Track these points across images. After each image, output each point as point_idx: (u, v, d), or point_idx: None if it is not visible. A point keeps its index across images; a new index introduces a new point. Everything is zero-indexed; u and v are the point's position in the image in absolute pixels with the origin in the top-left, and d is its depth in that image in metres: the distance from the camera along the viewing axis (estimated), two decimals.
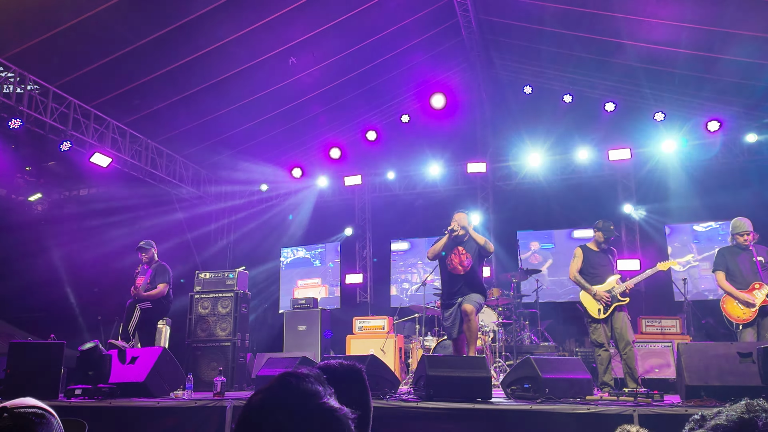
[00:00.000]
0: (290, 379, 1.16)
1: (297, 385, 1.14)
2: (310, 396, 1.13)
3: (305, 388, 1.14)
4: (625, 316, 5.92)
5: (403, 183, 12.69)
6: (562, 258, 11.36)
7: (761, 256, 5.88)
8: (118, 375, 5.87)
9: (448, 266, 6.22)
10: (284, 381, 1.16)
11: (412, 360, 8.55)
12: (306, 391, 1.13)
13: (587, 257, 6.24)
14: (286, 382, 1.15)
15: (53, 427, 1.49)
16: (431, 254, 6.29)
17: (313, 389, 1.14)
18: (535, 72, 11.68)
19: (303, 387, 1.14)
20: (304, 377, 1.17)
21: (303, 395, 1.12)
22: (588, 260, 6.22)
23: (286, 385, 1.14)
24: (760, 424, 0.91)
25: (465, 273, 6.12)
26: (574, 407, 4.33)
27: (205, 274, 8.17)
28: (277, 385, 1.15)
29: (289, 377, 1.17)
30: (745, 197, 9.54)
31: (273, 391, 1.14)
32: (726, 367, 4.56)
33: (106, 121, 9.57)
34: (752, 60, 8.60)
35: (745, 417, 0.93)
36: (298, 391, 1.13)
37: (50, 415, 1.49)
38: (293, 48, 9.15)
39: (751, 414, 0.93)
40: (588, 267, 6.19)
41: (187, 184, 11.83)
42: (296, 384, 1.14)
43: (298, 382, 1.15)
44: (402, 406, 4.68)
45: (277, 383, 1.16)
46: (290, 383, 1.15)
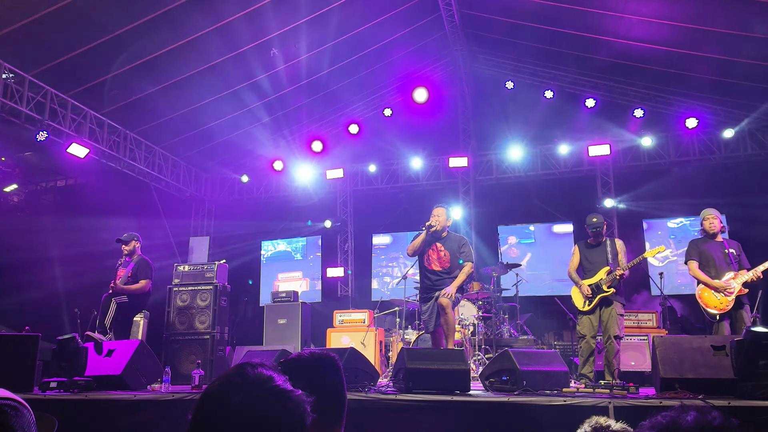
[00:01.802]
0: (245, 368, 1.23)
1: (251, 372, 1.21)
2: (264, 380, 1.20)
3: (259, 374, 1.21)
4: (614, 310, 5.94)
5: (385, 177, 12.69)
6: (542, 252, 11.46)
7: (732, 249, 5.93)
8: (94, 368, 5.79)
9: (425, 262, 6.18)
10: (239, 369, 1.23)
11: (392, 353, 8.57)
12: (260, 376, 1.20)
13: (583, 253, 6.33)
14: (241, 369, 1.22)
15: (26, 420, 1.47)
16: (410, 251, 6.23)
17: (267, 375, 1.21)
18: (517, 67, 11.74)
19: (257, 373, 1.21)
20: (258, 365, 1.24)
21: (257, 380, 1.20)
22: (584, 256, 6.31)
23: (241, 373, 1.21)
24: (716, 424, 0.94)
25: (442, 271, 6.08)
26: (551, 399, 4.37)
27: (184, 267, 8.10)
28: (232, 373, 1.22)
29: (244, 366, 1.24)
30: (721, 194, 9.69)
31: (229, 378, 1.21)
32: (700, 360, 4.63)
33: (84, 111, 9.43)
34: (728, 57, 8.71)
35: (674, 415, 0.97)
36: (253, 377, 1.20)
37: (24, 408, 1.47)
38: (274, 39, 9.08)
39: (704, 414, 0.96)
40: (584, 262, 6.29)
41: (167, 175, 11.71)
42: (250, 371, 1.21)
43: (252, 370, 1.22)
44: (381, 398, 4.68)
45: (232, 371, 1.23)
46: (245, 371, 1.22)
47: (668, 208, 10.92)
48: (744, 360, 4.16)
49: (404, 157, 12.35)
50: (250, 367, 1.23)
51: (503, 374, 5.20)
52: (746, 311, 5.75)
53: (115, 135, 10.21)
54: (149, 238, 7.57)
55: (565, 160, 11.61)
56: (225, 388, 1.18)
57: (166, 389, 5.46)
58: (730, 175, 10.63)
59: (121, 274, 7.06)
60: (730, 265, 5.84)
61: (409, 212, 12.58)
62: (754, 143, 10.54)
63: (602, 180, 11.40)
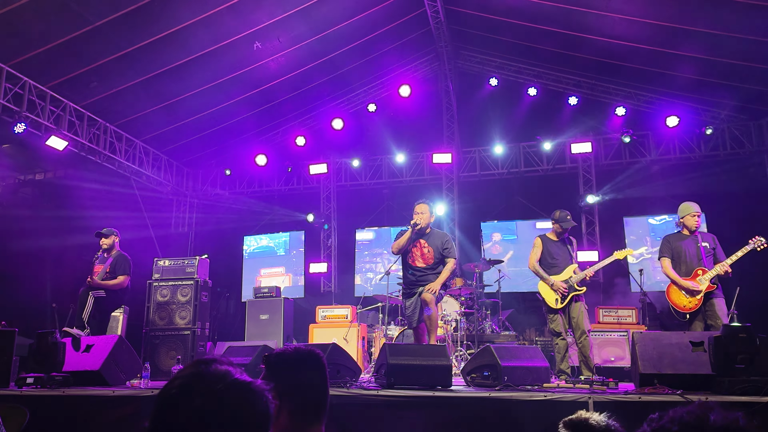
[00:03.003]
0: (200, 365, 1.21)
1: (207, 369, 1.19)
2: (221, 375, 1.18)
3: (215, 370, 1.19)
4: (582, 306, 6.01)
5: (368, 172, 12.66)
6: (525, 249, 11.49)
7: (706, 242, 5.90)
8: (72, 363, 5.71)
9: (408, 258, 6.14)
10: (195, 368, 1.21)
11: (374, 349, 8.57)
12: (217, 372, 1.19)
13: (546, 247, 6.29)
14: (197, 368, 1.21)
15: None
16: (395, 249, 6.12)
17: (223, 369, 1.20)
18: (501, 64, 11.78)
19: (213, 369, 1.19)
20: (212, 361, 1.23)
21: (214, 376, 1.18)
22: (547, 250, 6.27)
23: (197, 371, 1.19)
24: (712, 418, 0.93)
25: (426, 267, 6.05)
26: (532, 394, 4.40)
27: (165, 261, 8.01)
28: (190, 372, 1.20)
29: (200, 363, 1.23)
30: (701, 191, 9.81)
31: (187, 378, 1.19)
32: (678, 356, 4.68)
33: (63, 103, 9.28)
34: (709, 57, 8.81)
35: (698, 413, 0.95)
36: (210, 374, 1.18)
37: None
38: (258, 32, 9.01)
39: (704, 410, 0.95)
40: (547, 257, 6.25)
41: (147, 169, 11.57)
42: (206, 368, 1.20)
43: (207, 366, 1.20)
44: (363, 394, 4.68)
45: (188, 371, 1.21)
46: (200, 368, 1.20)
47: (649, 205, 11.06)
48: (721, 356, 4.22)
49: (388, 152, 12.34)
50: (204, 364, 1.21)
51: (485, 370, 5.23)
52: (718, 303, 5.70)
53: (95, 128, 10.06)
54: (129, 233, 7.48)
55: (548, 157, 11.68)
56: (184, 389, 1.16)
57: (145, 385, 5.41)
58: (710, 173, 10.77)
59: (98, 269, 6.97)
60: (701, 261, 5.79)
61: (393, 208, 12.58)
62: (733, 142, 10.69)
63: (584, 177, 11.48)
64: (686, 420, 0.95)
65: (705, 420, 0.93)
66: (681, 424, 0.95)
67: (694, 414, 0.95)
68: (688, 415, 0.96)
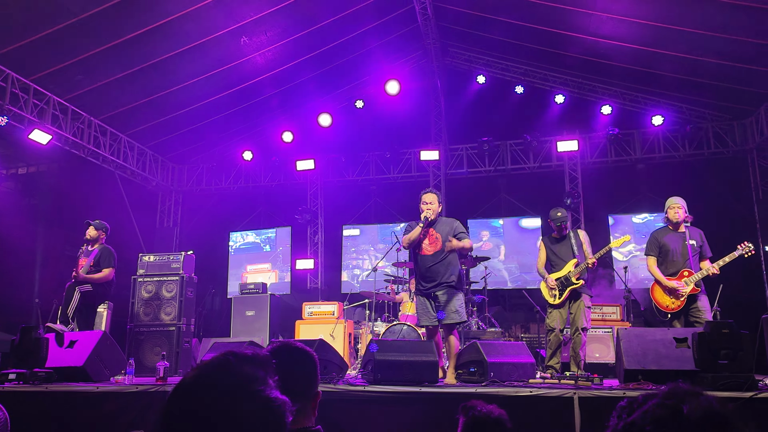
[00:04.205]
0: (230, 359, 1.08)
1: (236, 367, 1.06)
2: (248, 381, 1.05)
3: (244, 372, 1.06)
4: (582, 302, 5.99)
5: (356, 169, 12.64)
6: (510, 246, 11.59)
7: (694, 240, 5.88)
8: (55, 359, 5.65)
9: (417, 249, 5.86)
10: (224, 360, 1.08)
11: (361, 345, 8.56)
12: (244, 374, 1.05)
13: (549, 248, 6.34)
14: (225, 361, 1.08)
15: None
16: (406, 243, 5.88)
17: (252, 374, 1.06)
18: (489, 62, 11.82)
19: (242, 369, 1.06)
20: (247, 358, 1.09)
21: (240, 378, 1.05)
22: (550, 251, 6.32)
23: (224, 365, 1.07)
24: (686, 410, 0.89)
25: (434, 254, 5.71)
26: (517, 390, 4.42)
27: (149, 257, 7.95)
28: (214, 364, 1.07)
29: (230, 356, 1.09)
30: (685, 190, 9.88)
31: (209, 370, 1.06)
32: (663, 352, 4.73)
33: (47, 97, 9.16)
34: (695, 57, 8.89)
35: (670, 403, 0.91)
36: (236, 374, 1.05)
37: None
38: (245, 27, 8.95)
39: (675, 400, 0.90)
40: (551, 256, 6.30)
41: (132, 164, 11.46)
42: (235, 365, 1.07)
43: (238, 363, 1.07)
44: (349, 390, 4.68)
45: (215, 361, 1.08)
46: (229, 363, 1.07)
47: (634, 204, 11.17)
48: (705, 352, 4.27)
49: (376, 149, 12.32)
50: (235, 357, 1.08)
51: (471, 366, 5.26)
52: (701, 301, 5.72)
53: (79, 122, 9.95)
54: (114, 228, 7.39)
55: (535, 155, 11.74)
56: (203, 380, 1.04)
57: (129, 381, 5.37)
58: (694, 172, 10.88)
59: (83, 263, 6.90)
60: (687, 261, 5.79)
61: (380, 204, 12.59)
62: (717, 141, 10.81)
63: (570, 175, 11.55)
64: (659, 415, 0.89)
65: (679, 412, 0.87)
66: (654, 421, 0.88)
67: (666, 407, 0.89)
68: (659, 408, 0.89)
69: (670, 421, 0.88)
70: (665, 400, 0.91)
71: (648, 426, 0.89)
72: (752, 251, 5.74)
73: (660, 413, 0.89)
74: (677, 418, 0.87)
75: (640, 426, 0.90)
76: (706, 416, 0.87)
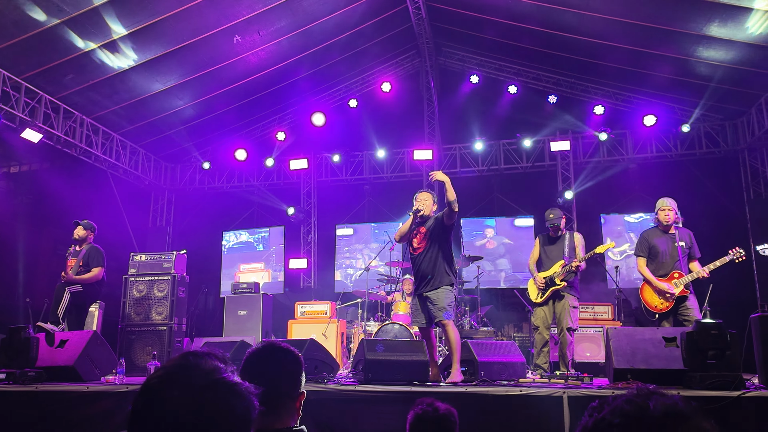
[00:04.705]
0: (189, 357, 1.16)
1: (195, 362, 1.14)
2: (209, 371, 1.12)
3: (204, 364, 1.13)
4: (567, 302, 6.04)
5: (349, 168, 12.64)
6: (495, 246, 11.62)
7: (683, 241, 5.90)
8: (45, 359, 5.63)
9: (410, 248, 5.87)
10: (183, 358, 1.15)
11: (353, 345, 8.57)
12: (204, 367, 1.13)
13: (542, 246, 6.42)
14: (185, 359, 1.15)
15: None
16: (398, 236, 5.92)
17: (212, 365, 1.14)
18: (482, 62, 11.84)
19: (201, 363, 1.14)
20: (204, 355, 1.17)
21: (201, 371, 1.12)
22: (542, 249, 6.40)
23: (184, 363, 1.14)
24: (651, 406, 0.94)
25: (422, 253, 5.68)
26: (508, 389, 4.43)
27: (141, 256, 7.92)
28: (176, 363, 1.15)
29: (189, 355, 1.17)
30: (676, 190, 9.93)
31: (172, 368, 1.14)
32: (652, 351, 4.75)
33: (39, 95, 9.12)
34: (686, 57, 8.92)
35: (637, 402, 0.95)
36: (197, 368, 1.12)
37: None
38: (238, 26, 8.93)
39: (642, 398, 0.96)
40: (542, 254, 6.38)
41: (124, 163, 11.42)
42: (194, 361, 1.14)
43: (196, 359, 1.14)
44: (340, 389, 4.68)
45: (176, 360, 1.16)
46: (188, 360, 1.14)
47: (626, 203, 11.21)
48: (693, 351, 4.29)
49: (369, 148, 12.32)
50: (193, 356, 1.16)
51: (462, 365, 5.26)
52: (690, 300, 5.75)
53: (71, 120, 9.91)
54: (106, 227, 7.37)
55: (528, 154, 11.77)
56: (165, 379, 1.11)
57: (120, 381, 5.36)
58: (686, 172, 10.94)
59: (72, 263, 6.87)
60: (677, 262, 5.82)
61: (373, 204, 12.59)
62: (708, 141, 10.86)
63: (563, 175, 11.58)
64: (627, 410, 0.95)
65: (645, 408, 0.94)
66: (622, 415, 0.95)
67: (633, 403, 0.96)
68: (627, 404, 0.96)
69: (636, 415, 0.94)
70: (633, 398, 0.96)
71: (616, 419, 0.95)
72: (743, 257, 5.72)
73: (627, 409, 0.95)
74: (643, 413, 0.93)
75: (609, 420, 0.95)
76: (668, 412, 0.92)
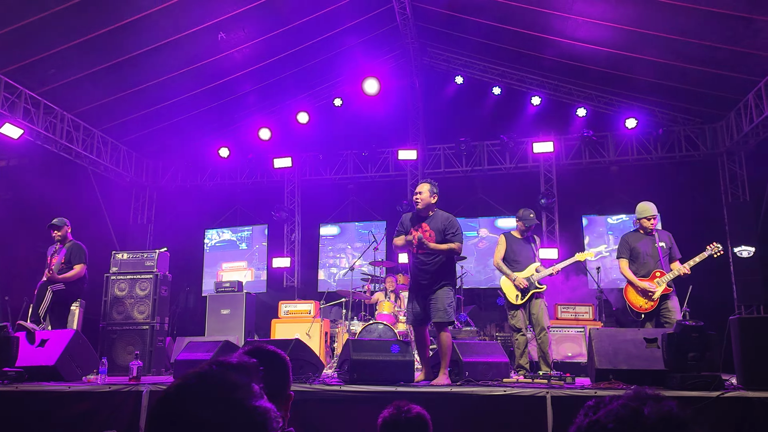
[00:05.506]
0: (214, 368, 1.07)
1: (219, 375, 1.05)
2: (231, 390, 1.03)
3: (227, 380, 1.04)
4: (542, 302, 6.13)
5: (334, 167, 12.62)
6: (486, 246, 11.68)
7: (663, 242, 5.98)
8: (26, 358, 5.56)
9: (410, 247, 5.57)
10: (208, 370, 1.07)
11: (337, 344, 8.56)
12: (227, 383, 1.04)
13: (510, 245, 6.38)
14: (209, 371, 1.06)
15: None
16: (395, 248, 5.73)
17: (235, 382, 1.04)
18: (467, 63, 11.90)
19: (225, 378, 1.05)
20: (231, 367, 1.08)
21: (223, 388, 1.02)
22: (510, 247, 6.36)
23: (207, 375, 1.05)
24: (646, 412, 0.96)
25: (426, 252, 5.38)
26: (491, 389, 4.47)
27: (123, 255, 7.83)
28: (198, 374, 1.06)
29: (215, 366, 1.08)
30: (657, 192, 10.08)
31: (192, 380, 1.05)
32: (633, 352, 4.82)
33: (19, 90, 8.98)
34: (667, 61, 9.05)
35: (633, 406, 0.97)
36: (219, 383, 1.03)
37: None
38: (223, 23, 8.87)
39: (638, 402, 0.97)
40: (510, 254, 6.33)
41: (106, 160, 11.28)
42: (218, 373, 1.05)
43: (221, 372, 1.06)
44: (325, 389, 4.69)
45: (199, 371, 1.07)
46: (213, 373, 1.05)
47: (607, 205, 11.35)
48: (673, 352, 4.36)
49: (354, 147, 12.31)
50: (219, 366, 1.07)
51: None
52: (672, 302, 5.84)
53: (52, 116, 9.77)
54: (87, 225, 7.28)
55: (511, 155, 11.85)
56: (184, 392, 1.02)
57: (102, 380, 5.31)
58: (666, 175, 11.10)
59: (55, 261, 6.79)
60: (658, 262, 5.90)
61: (358, 203, 12.59)
62: (688, 144, 11.03)
63: (545, 176, 11.68)
64: (621, 415, 0.95)
65: (640, 413, 0.94)
66: (617, 419, 0.95)
67: (629, 407, 0.96)
68: (623, 408, 0.96)
69: (631, 420, 0.94)
70: (629, 401, 0.97)
71: (611, 423, 0.95)
72: (721, 251, 5.90)
73: (623, 413, 0.96)
74: (637, 418, 0.94)
75: (604, 423, 0.96)
76: (663, 418, 0.93)
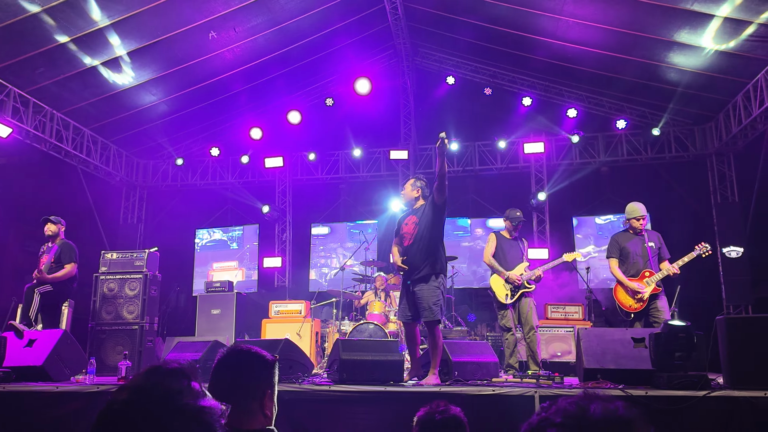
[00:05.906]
0: (151, 380, 1.10)
1: (161, 383, 1.08)
2: (173, 396, 1.06)
3: (169, 388, 1.08)
4: (531, 302, 6.17)
5: (325, 167, 12.62)
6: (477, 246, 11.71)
7: (652, 242, 6.03)
8: (14, 358, 5.52)
9: (402, 241, 5.52)
10: (149, 377, 1.10)
11: (328, 344, 8.56)
12: (169, 391, 1.07)
13: (500, 244, 6.44)
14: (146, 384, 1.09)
15: None
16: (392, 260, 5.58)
17: (177, 388, 1.08)
18: (459, 63, 11.92)
19: (166, 386, 1.08)
20: (167, 374, 1.11)
21: (165, 396, 1.06)
22: (500, 246, 6.42)
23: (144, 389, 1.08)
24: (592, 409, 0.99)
25: (413, 243, 5.33)
26: (481, 389, 4.48)
27: (112, 254, 7.79)
28: (141, 384, 1.09)
29: (154, 373, 1.12)
30: (646, 192, 10.16)
31: (133, 390, 1.08)
32: (621, 352, 4.85)
33: (7, 89, 8.92)
34: (657, 62, 9.11)
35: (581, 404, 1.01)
36: (161, 392, 1.07)
37: None
38: (214, 22, 8.84)
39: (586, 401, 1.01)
40: (500, 253, 6.38)
41: (95, 159, 11.22)
42: (160, 381, 1.09)
43: (159, 383, 1.09)
44: (314, 389, 4.68)
45: (141, 380, 1.10)
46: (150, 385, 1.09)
47: (597, 206, 11.41)
48: (661, 352, 4.39)
49: (345, 147, 12.31)
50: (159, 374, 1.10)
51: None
52: (661, 301, 5.88)
53: (41, 115, 9.71)
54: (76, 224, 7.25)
55: (502, 156, 11.89)
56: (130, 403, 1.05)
57: (91, 381, 5.28)
58: (656, 175, 11.17)
59: (44, 260, 6.75)
60: (648, 262, 5.94)
61: (349, 203, 12.59)
62: (678, 145, 11.10)
63: (536, 176, 11.73)
64: (569, 411, 1.00)
65: (586, 411, 0.99)
66: (564, 415, 1.00)
67: (577, 405, 1.01)
68: (571, 406, 1.01)
69: (578, 416, 0.99)
70: (579, 400, 1.02)
71: (558, 419, 1.00)
72: (709, 251, 5.95)
73: (571, 410, 1.01)
74: (584, 415, 0.99)
75: (552, 420, 1.01)
76: (608, 416, 0.98)
